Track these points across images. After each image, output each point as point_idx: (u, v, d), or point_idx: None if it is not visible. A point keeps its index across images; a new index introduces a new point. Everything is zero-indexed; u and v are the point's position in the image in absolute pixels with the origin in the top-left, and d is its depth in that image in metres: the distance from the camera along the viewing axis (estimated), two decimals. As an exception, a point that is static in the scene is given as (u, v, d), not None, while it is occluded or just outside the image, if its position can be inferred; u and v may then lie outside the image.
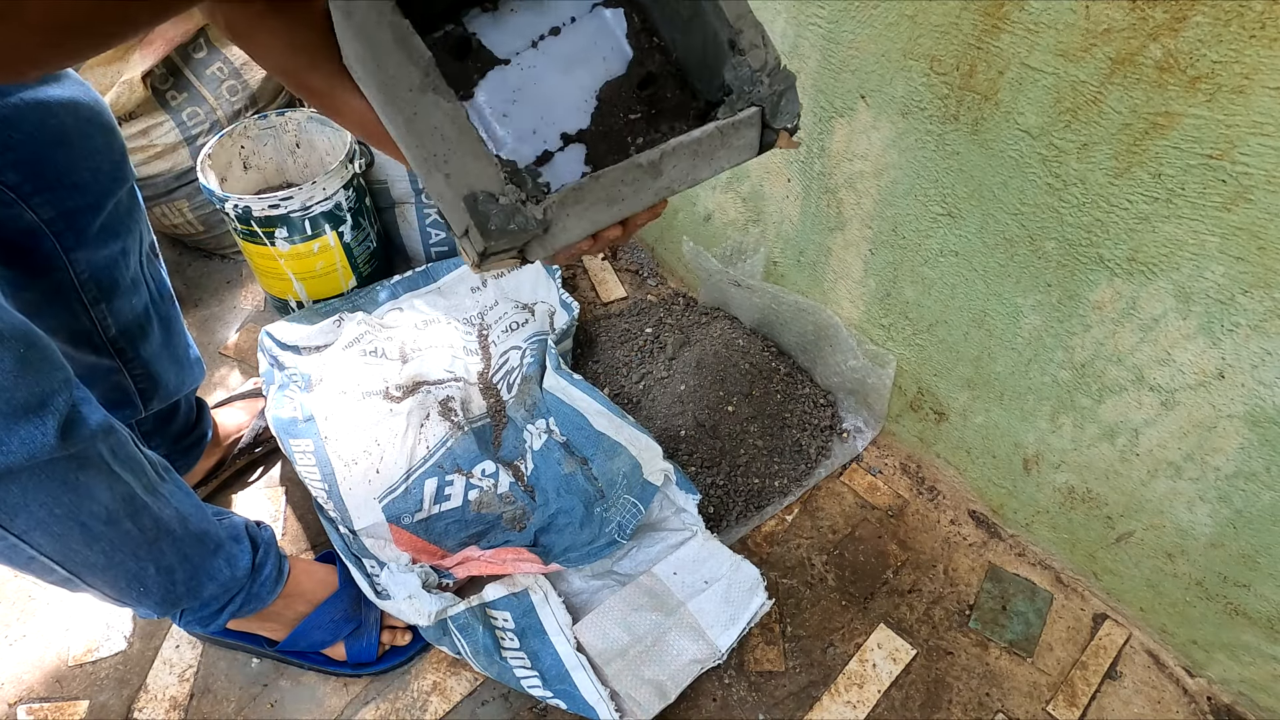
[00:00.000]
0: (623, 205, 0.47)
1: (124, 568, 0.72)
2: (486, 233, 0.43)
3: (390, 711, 0.92)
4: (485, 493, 1.01)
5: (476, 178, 0.43)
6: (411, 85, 0.42)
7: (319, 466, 1.02)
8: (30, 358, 0.59)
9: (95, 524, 0.68)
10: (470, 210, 0.43)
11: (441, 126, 0.42)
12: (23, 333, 0.59)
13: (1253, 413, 0.74)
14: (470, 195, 0.43)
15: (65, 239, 0.77)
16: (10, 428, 0.58)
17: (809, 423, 1.16)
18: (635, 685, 0.89)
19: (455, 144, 0.43)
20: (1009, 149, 0.79)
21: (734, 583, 0.96)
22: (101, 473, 0.67)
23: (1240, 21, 0.59)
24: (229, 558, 0.82)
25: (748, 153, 0.51)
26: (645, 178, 0.47)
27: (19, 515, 0.63)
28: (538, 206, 0.44)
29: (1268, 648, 0.85)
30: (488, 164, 0.43)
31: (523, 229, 0.43)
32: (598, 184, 0.46)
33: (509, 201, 0.43)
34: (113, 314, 0.85)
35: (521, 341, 1.18)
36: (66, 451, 0.62)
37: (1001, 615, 1.00)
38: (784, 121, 0.50)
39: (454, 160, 0.43)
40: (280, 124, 1.29)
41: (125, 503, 0.69)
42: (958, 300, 0.94)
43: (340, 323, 1.19)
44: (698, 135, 0.48)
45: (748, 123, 0.49)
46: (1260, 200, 0.64)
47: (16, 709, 0.91)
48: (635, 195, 0.47)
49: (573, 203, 0.45)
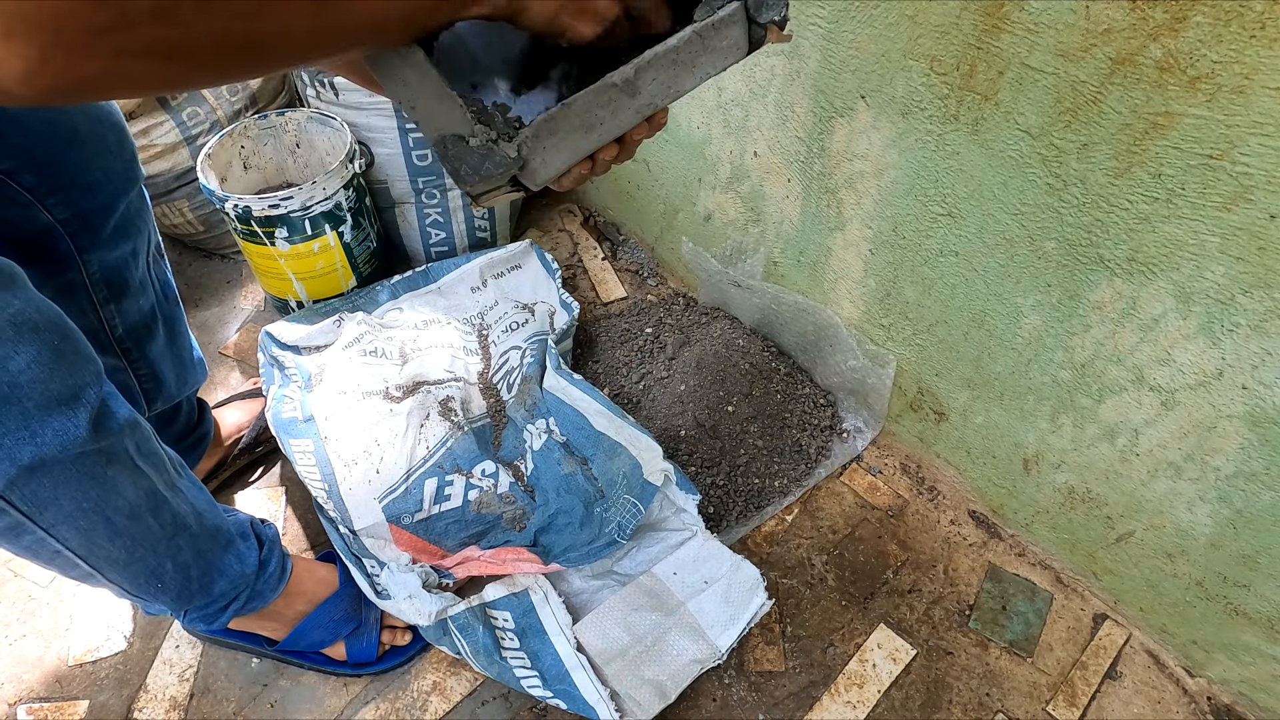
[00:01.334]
0: (603, 129, 0.44)
1: (144, 563, 0.73)
2: (460, 178, 0.41)
3: (390, 711, 0.92)
4: (485, 493, 1.01)
5: (445, 120, 0.40)
6: None
7: (319, 466, 1.02)
8: (64, 349, 0.60)
9: (119, 518, 0.68)
10: (442, 156, 0.41)
11: (402, 74, 0.40)
12: (57, 324, 0.60)
13: (1253, 413, 0.74)
14: (439, 140, 0.41)
15: (79, 239, 0.78)
16: (44, 419, 0.59)
17: (809, 423, 1.16)
18: (635, 685, 0.89)
19: (419, 88, 0.40)
20: (1009, 149, 0.79)
21: (734, 583, 0.96)
22: (127, 467, 0.68)
23: (1240, 21, 0.59)
24: (239, 554, 0.83)
25: (735, 54, 0.47)
26: (622, 97, 0.43)
27: (49, 508, 0.64)
28: (510, 144, 0.41)
29: (1268, 648, 0.85)
30: (452, 105, 0.40)
31: (498, 169, 0.41)
32: (570, 111, 0.42)
33: (480, 142, 0.40)
34: (120, 314, 0.86)
35: (521, 341, 1.18)
36: (96, 445, 0.63)
37: (1001, 615, 1.00)
38: (771, 14, 0.45)
39: (420, 105, 0.41)
40: (280, 124, 1.29)
41: (148, 498, 0.70)
42: (958, 300, 0.94)
43: (340, 323, 1.19)
44: (674, 43, 0.44)
45: (729, 20, 0.45)
46: (1260, 200, 0.64)
47: (16, 709, 0.91)
48: (614, 117, 0.44)
49: (547, 134, 0.42)
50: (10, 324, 0.56)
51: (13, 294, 0.57)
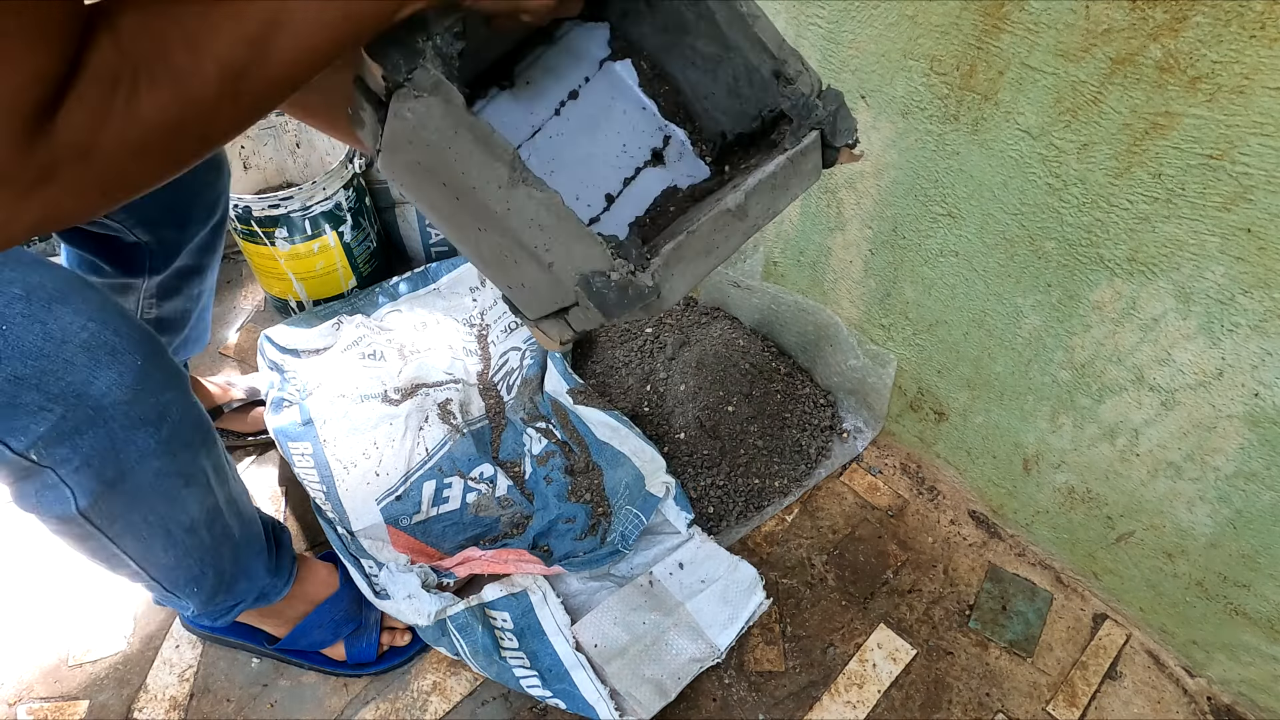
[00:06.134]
0: (717, 253, 0.47)
1: (188, 570, 0.75)
2: (609, 310, 0.43)
3: (390, 711, 0.92)
4: (483, 496, 1.01)
5: (584, 259, 0.42)
6: (500, 182, 0.41)
7: (317, 469, 1.02)
8: (148, 370, 0.60)
9: (178, 531, 0.70)
10: (587, 293, 0.42)
11: (538, 217, 0.41)
12: (139, 343, 0.59)
13: (1253, 413, 0.73)
14: (583, 278, 0.42)
15: (156, 259, 0.84)
16: (130, 438, 0.60)
17: (809, 423, 1.16)
18: (635, 684, 0.89)
19: (556, 231, 0.42)
20: (1009, 149, 0.79)
21: (731, 583, 0.96)
22: (200, 487, 0.69)
23: (1240, 21, 0.59)
24: (264, 558, 0.84)
25: (814, 176, 0.51)
26: (734, 221, 0.47)
27: (118, 521, 0.66)
28: (645, 274, 0.43)
29: (1268, 648, 0.85)
30: (593, 243, 0.42)
31: (638, 299, 0.43)
32: (695, 238, 0.45)
33: (620, 276, 0.42)
34: (158, 308, 0.91)
35: (521, 342, 1.18)
36: (176, 466, 0.65)
37: (1001, 615, 1.00)
38: (844, 139, 0.50)
39: (557, 247, 0.42)
40: (280, 124, 1.29)
41: (208, 514, 0.72)
42: (958, 300, 0.94)
43: (339, 325, 1.19)
44: (772, 169, 0.48)
45: (812, 147, 0.50)
46: (1260, 200, 0.64)
47: (16, 709, 0.91)
48: (727, 241, 0.47)
49: (675, 261, 0.45)
50: (84, 349, 0.55)
51: (87, 317, 0.56)
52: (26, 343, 0.53)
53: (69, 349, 0.54)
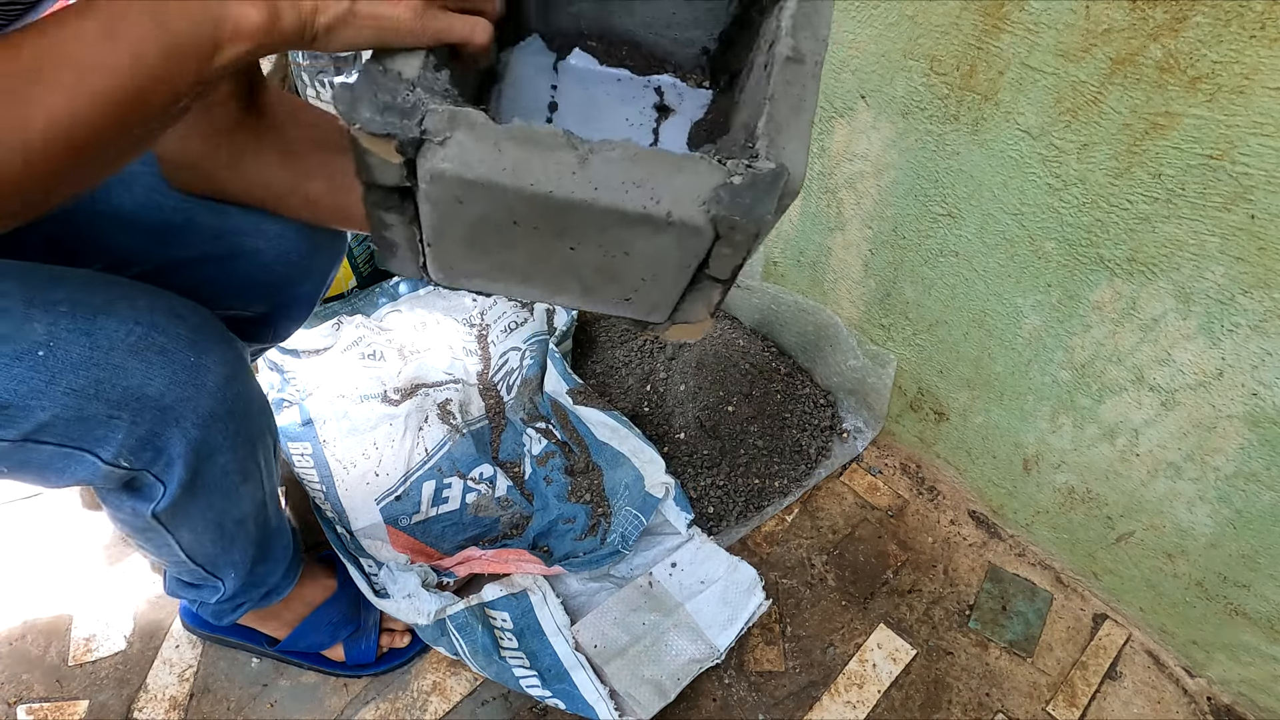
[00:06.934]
0: (805, 107, 0.45)
1: (230, 560, 0.76)
2: (755, 214, 0.39)
3: (390, 711, 0.91)
4: (483, 496, 1.01)
5: (696, 183, 0.39)
6: (572, 166, 0.38)
7: (317, 469, 1.02)
8: (202, 365, 0.59)
9: (230, 524, 0.72)
10: (724, 210, 0.39)
11: (628, 174, 0.38)
12: (189, 341, 0.58)
13: (1253, 413, 0.73)
14: (709, 202, 0.39)
15: (262, 332, 0.81)
16: (203, 436, 0.61)
17: (809, 423, 1.16)
18: (634, 684, 0.89)
19: (653, 176, 0.39)
20: (1009, 149, 0.79)
21: (731, 583, 0.96)
22: (254, 482, 0.70)
23: (1240, 21, 0.59)
24: (288, 550, 0.85)
25: None
26: (796, 66, 0.44)
27: (184, 523, 0.67)
28: (761, 160, 0.40)
29: (1268, 648, 0.85)
30: (695, 162, 0.39)
31: (774, 184, 0.39)
32: (777, 103, 0.43)
33: (742, 174, 0.39)
34: None
35: (521, 342, 1.18)
36: (238, 461, 0.66)
37: (1001, 615, 1.00)
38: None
39: (663, 193, 0.39)
40: (280, 124, 1.29)
41: (257, 508, 0.74)
42: (958, 300, 0.94)
43: (339, 326, 1.19)
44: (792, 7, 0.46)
45: None
46: (1260, 200, 0.64)
47: (16, 709, 0.91)
48: (804, 89, 0.45)
49: (775, 133, 0.42)
50: (132, 353, 0.55)
51: (134, 322, 0.56)
52: (74, 354, 0.53)
53: (117, 355, 0.54)
